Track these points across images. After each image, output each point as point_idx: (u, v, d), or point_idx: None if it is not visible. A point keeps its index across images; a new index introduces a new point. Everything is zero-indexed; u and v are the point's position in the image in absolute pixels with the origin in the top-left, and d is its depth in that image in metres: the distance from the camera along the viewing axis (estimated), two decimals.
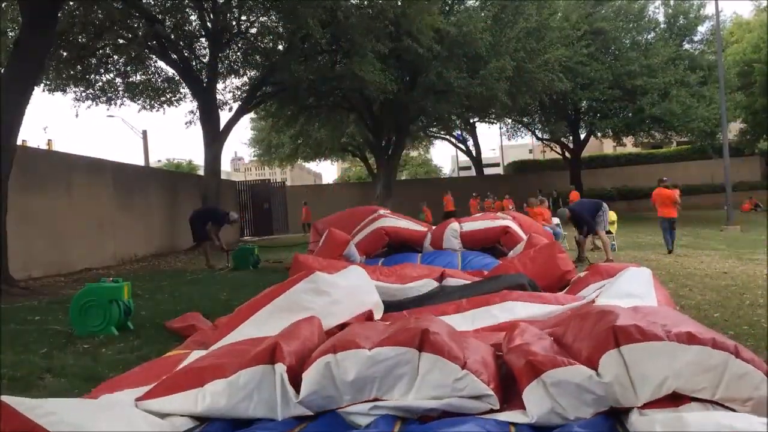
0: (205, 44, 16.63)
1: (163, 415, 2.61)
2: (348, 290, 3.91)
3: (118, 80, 17.12)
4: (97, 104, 17.10)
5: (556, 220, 13.52)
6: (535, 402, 2.42)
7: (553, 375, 2.40)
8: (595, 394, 2.31)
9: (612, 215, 13.42)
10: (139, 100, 17.77)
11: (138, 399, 2.73)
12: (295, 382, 2.56)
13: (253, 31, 16.73)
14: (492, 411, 2.47)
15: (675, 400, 2.30)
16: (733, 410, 2.26)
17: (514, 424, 2.40)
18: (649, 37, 25.51)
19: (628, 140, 29.20)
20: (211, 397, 2.58)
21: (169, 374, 2.94)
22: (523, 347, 2.63)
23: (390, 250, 8.05)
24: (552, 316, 3.74)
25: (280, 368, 2.55)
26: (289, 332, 2.98)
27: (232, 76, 18.41)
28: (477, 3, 20.45)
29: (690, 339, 2.32)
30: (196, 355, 3.41)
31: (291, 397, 2.50)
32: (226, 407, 2.56)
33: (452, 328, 2.98)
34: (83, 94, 16.48)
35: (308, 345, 2.83)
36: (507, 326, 3.35)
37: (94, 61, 15.89)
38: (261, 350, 2.65)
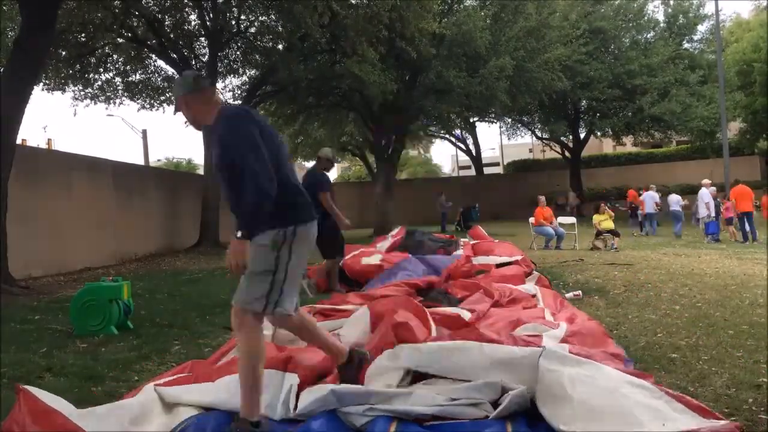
0: (205, 43, 16.60)
1: (170, 406, 2.67)
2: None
3: (118, 79, 17.10)
4: (96, 103, 17.08)
5: (560, 220, 13.58)
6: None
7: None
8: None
9: (611, 215, 13.44)
10: (138, 99, 17.75)
11: (157, 384, 2.82)
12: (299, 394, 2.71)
13: (253, 30, 16.71)
14: (487, 418, 2.49)
15: None
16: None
17: (512, 423, 2.41)
18: (648, 36, 25.51)
19: (628, 140, 29.17)
20: (216, 392, 2.69)
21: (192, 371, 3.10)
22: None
23: None
24: None
25: (293, 379, 2.68)
26: (305, 349, 3.16)
27: (232, 75, 18.40)
28: (477, 2, 20.41)
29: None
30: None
31: (290, 408, 2.61)
32: (226, 401, 2.62)
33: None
34: (82, 93, 16.47)
35: (323, 364, 2.97)
36: None
37: (93, 60, 15.87)
38: (277, 357, 2.83)
